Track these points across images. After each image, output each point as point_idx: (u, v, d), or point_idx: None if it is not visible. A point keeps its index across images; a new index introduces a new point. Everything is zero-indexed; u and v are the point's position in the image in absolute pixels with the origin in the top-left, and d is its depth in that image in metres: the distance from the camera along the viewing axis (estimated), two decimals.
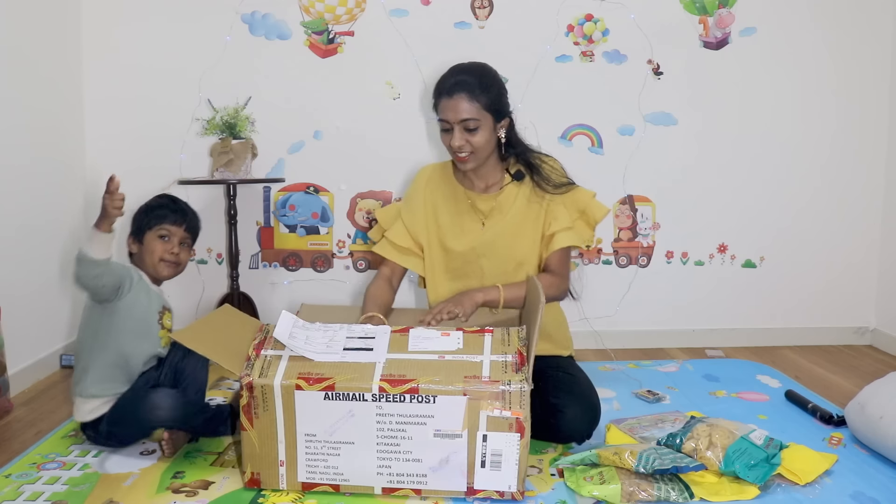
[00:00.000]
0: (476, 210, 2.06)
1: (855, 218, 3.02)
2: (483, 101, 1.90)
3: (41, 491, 1.66)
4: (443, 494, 1.60)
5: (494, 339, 1.68)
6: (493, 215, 2.04)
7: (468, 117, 1.90)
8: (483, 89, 1.91)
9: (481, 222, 2.05)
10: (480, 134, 1.92)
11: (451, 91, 1.91)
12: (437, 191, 2.10)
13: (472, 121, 1.90)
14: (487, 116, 1.92)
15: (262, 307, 2.84)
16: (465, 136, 1.92)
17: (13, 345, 2.27)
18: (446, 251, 2.06)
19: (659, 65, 2.90)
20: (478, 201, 2.06)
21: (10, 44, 2.35)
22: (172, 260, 1.93)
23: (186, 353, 1.88)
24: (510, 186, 2.04)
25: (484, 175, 2.05)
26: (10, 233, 2.34)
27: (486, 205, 2.05)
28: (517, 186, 2.04)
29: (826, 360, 2.82)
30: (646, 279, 2.99)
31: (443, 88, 1.93)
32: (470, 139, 1.92)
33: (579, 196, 2.04)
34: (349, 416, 1.56)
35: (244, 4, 2.80)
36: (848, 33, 2.93)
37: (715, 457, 1.65)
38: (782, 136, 2.96)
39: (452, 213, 2.07)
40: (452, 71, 1.96)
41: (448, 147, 1.96)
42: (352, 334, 1.70)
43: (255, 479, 1.63)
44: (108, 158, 2.80)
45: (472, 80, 1.91)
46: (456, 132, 1.92)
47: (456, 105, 1.90)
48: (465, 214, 2.06)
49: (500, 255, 2.02)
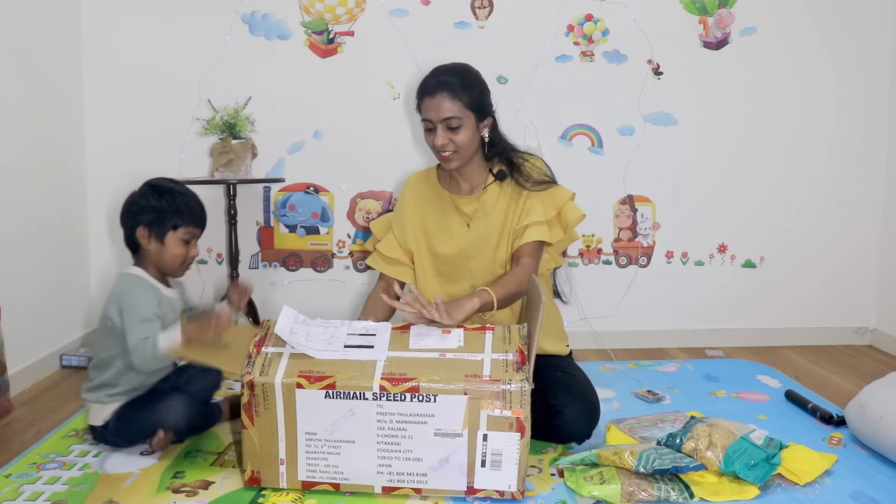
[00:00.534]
0: (460, 213, 2.06)
1: (855, 218, 3.02)
2: (465, 99, 1.92)
3: (41, 491, 1.66)
4: (443, 494, 1.60)
5: (495, 337, 1.68)
6: (476, 216, 2.05)
7: (450, 115, 1.91)
8: (465, 88, 1.93)
9: (466, 224, 2.05)
10: (463, 132, 1.93)
11: (433, 91, 1.93)
12: (422, 198, 2.11)
13: (454, 119, 1.92)
14: (470, 115, 1.94)
15: (262, 307, 2.84)
16: (449, 135, 1.93)
17: (13, 345, 2.27)
18: (435, 256, 2.07)
19: (659, 65, 2.90)
20: (461, 204, 2.06)
21: (10, 44, 2.35)
22: (191, 262, 1.91)
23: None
24: (493, 186, 2.05)
25: (468, 176, 2.06)
26: (10, 233, 2.33)
27: (470, 207, 2.06)
28: (499, 186, 2.04)
29: (826, 360, 2.82)
30: (646, 279, 2.99)
31: (425, 89, 1.95)
32: (453, 138, 1.93)
33: (558, 195, 2.03)
34: (350, 414, 1.56)
35: (244, 4, 2.80)
36: (848, 33, 2.93)
37: (715, 457, 1.65)
38: (782, 136, 2.96)
39: (438, 219, 2.08)
40: (434, 72, 1.98)
41: (432, 147, 1.97)
42: (353, 331, 1.70)
43: (255, 478, 1.63)
44: (108, 158, 2.80)
45: (453, 79, 1.93)
46: (439, 131, 1.93)
47: (438, 104, 1.92)
48: (450, 218, 2.07)
49: (486, 256, 2.02)
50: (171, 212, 1.85)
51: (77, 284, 2.74)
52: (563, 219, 2.04)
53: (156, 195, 1.86)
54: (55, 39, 2.63)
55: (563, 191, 2.04)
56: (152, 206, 1.85)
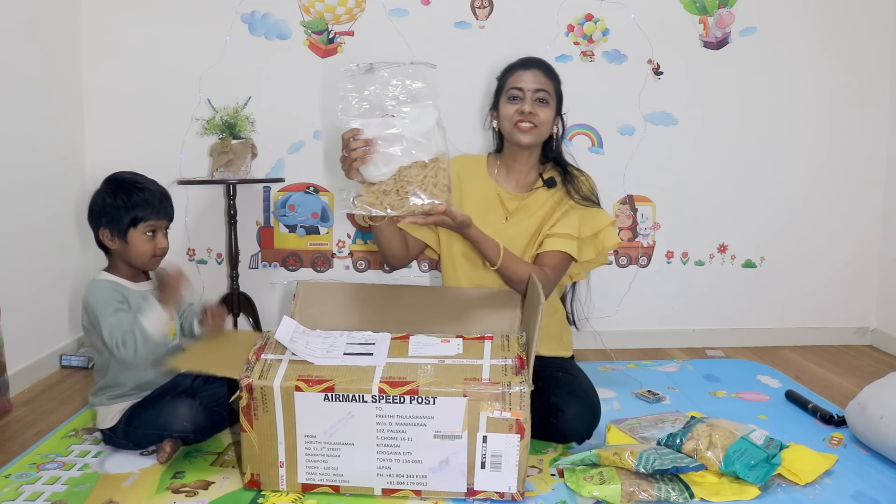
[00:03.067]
0: (503, 205, 2.07)
1: (855, 218, 3.02)
2: (554, 84, 2.05)
3: (41, 491, 1.66)
4: (443, 495, 1.60)
5: (494, 346, 1.68)
6: (517, 214, 2.06)
7: (543, 88, 2.01)
8: (555, 78, 2.06)
9: (505, 217, 2.06)
10: (547, 111, 2.02)
11: (530, 65, 2.04)
12: (464, 177, 2.11)
13: (544, 93, 2.01)
14: (554, 101, 2.04)
15: (262, 307, 2.84)
16: (536, 107, 1.99)
17: (13, 345, 2.27)
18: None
19: (659, 65, 2.89)
20: (506, 198, 2.08)
21: (9, 44, 2.34)
22: (161, 254, 1.87)
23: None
24: (540, 191, 2.07)
25: (521, 169, 2.08)
26: (10, 233, 2.33)
27: (513, 203, 2.07)
28: (546, 192, 2.06)
29: (826, 360, 2.82)
30: (646, 279, 2.99)
31: (521, 63, 2.05)
32: (538, 111, 1.99)
33: (599, 217, 2.04)
34: (349, 417, 1.56)
35: (244, 4, 2.80)
36: (848, 33, 2.92)
37: (715, 457, 1.65)
38: (783, 135, 2.96)
39: (478, 203, 2.07)
40: (528, 56, 2.09)
41: (511, 116, 2.00)
42: (352, 340, 1.70)
43: (254, 481, 1.63)
44: (108, 158, 2.79)
45: (549, 65, 2.07)
46: (528, 98, 1.99)
47: (534, 76, 2.01)
48: (490, 207, 2.07)
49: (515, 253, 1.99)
50: (127, 208, 1.80)
51: (77, 284, 2.73)
52: (600, 242, 2.04)
53: (112, 193, 1.82)
54: (55, 39, 2.63)
55: (606, 215, 2.06)
56: (109, 205, 1.81)
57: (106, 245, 1.85)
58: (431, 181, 1.64)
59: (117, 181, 1.85)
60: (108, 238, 1.83)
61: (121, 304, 1.79)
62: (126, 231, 1.81)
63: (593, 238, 2.04)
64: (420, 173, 1.63)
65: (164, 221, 1.87)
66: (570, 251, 1.97)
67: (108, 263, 1.89)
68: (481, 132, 2.83)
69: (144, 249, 1.83)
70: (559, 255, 1.98)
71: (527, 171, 2.09)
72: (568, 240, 1.97)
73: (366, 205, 1.64)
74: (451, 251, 2.09)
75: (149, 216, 1.82)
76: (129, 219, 1.81)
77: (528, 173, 2.10)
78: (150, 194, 1.84)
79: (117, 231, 1.82)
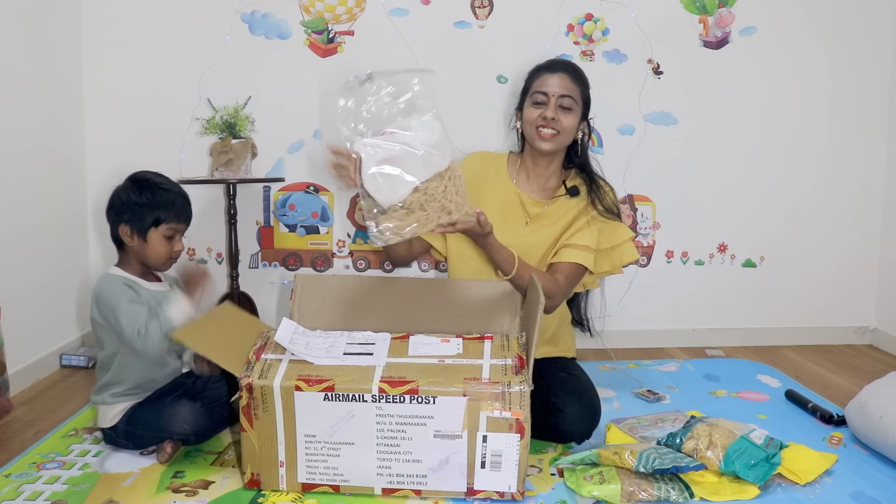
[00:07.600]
0: (524, 209, 2.03)
1: (855, 217, 3.02)
2: (581, 89, 1.99)
3: (41, 491, 1.66)
4: (443, 495, 1.60)
5: (494, 346, 1.68)
6: (538, 220, 2.02)
7: (568, 94, 1.95)
8: (583, 82, 2.01)
9: (525, 221, 2.03)
10: (571, 118, 1.97)
11: (557, 68, 2.00)
12: (485, 178, 2.06)
13: (569, 99, 1.96)
14: (579, 107, 1.99)
15: (262, 307, 2.84)
16: (559, 113, 1.95)
17: (13, 344, 2.27)
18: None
19: (659, 64, 2.89)
20: (527, 202, 2.04)
21: (9, 44, 2.34)
22: (176, 257, 1.89)
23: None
24: (563, 199, 2.03)
25: (543, 174, 2.04)
26: (11, 233, 2.33)
27: (535, 209, 2.03)
28: (569, 201, 2.02)
29: (826, 359, 2.82)
30: (646, 279, 2.99)
31: (548, 65, 2.01)
32: (562, 118, 1.95)
33: (619, 232, 2.01)
34: (349, 416, 1.56)
35: (244, 4, 2.80)
36: (848, 32, 2.92)
37: (715, 456, 1.65)
38: (783, 135, 2.96)
39: (498, 204, 2.03)
40: (556, 59, 2.08)
41: (534, 120, 1.96)
42: (352, 340, 1.70)
43: (254, 480, 1.63)
44: (108, 157, 2.80)
45: (577, 68, 2.03)
46: (551, 104, 1.95)
47: (560, 80, 1.97)
48: (510, 209, 2.03)
49: (532, 261, 1.96)
50: (151, 207, 1.81)
51: (77, 284, 2.74)
52: (618, 257, 2.02)
53: (137, 190, 1.83)
54: (55, 39, 2.63)
55: (626, 230, 2.03)
56: (133, 202, 1.82)
57: (123, 241, 1.85)
58: (453, 189, 1.63)
59: (143, 179, 1.86)
60: (126, 234, 1.83)
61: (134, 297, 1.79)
62: (147, 230, 1.82)
63: (610, 251, 2.01)
64: (440, 185, 1.61)
65: (183, 225, 1.88)
66: (587, 263, 1.94)
67: (120, 259, 1.89)
68: (481, 132, 2.83)
69: (162, 251, 1.84)
70: (574, 267, 1.95)
71: (548, 175, 2.05)
72: (585, 252, 1.94)
73: (393, 234, 1.60)
74: (461, 255, 2.04)
75: (171, 218, 1.84)
76: (152, 218, 1.82)
77: (549, 178, 2.05)
78: (174, 196, 1.85)
79: (138, 229, 1.82)
